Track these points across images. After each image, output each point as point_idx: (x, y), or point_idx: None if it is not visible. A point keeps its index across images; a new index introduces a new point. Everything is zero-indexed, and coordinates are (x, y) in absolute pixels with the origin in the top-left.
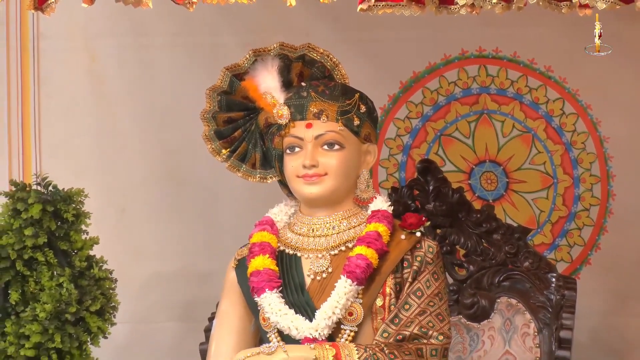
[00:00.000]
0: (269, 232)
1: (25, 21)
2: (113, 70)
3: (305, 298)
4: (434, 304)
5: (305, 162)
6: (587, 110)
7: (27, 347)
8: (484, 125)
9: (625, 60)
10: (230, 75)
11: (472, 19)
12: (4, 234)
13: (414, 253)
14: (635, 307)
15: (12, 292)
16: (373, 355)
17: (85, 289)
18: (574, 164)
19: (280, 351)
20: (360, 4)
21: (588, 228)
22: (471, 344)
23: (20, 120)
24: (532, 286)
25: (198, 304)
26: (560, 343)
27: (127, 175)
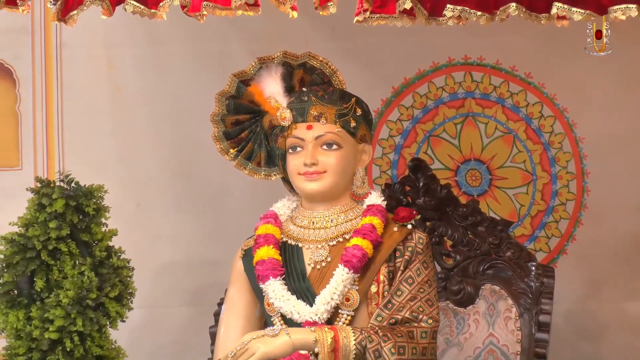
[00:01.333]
0: (273, 225)
1: (49, 31)
2: (130, 77)
3: (306, 285)
4: (423, 290)
5: (306, 161)
6: (564, 113)
7: (51, 331)
8: (469, 127)
9: (599, 67)
10: (237, 81)
11: (459, 29)
12: (30, 227)
13: (406, 244)
14: (607, 293)
15: (37, 280)
16: (368, 337)
17: (104, 277)
18: (551, 162)
19: (283, 334)
20: (356, 16)
21: (564, 221)
22: (458, 327)
23: (44, 122)
24: (514, 274)
25: (207, 290)
26: (539, 326)
27: (142, 172)
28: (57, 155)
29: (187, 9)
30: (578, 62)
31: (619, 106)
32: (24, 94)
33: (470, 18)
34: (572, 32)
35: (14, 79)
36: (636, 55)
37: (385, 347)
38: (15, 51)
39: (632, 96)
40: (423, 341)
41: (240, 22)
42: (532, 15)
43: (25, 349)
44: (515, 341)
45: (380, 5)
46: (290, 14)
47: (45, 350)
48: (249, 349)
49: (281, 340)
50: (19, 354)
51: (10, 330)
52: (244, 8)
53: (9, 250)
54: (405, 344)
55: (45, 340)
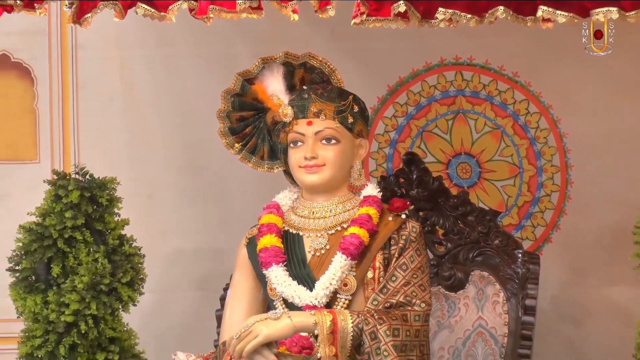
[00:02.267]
0: (276, 215)
1: (65, 33)
2: (141, 76)
3: (306, 271)
4: (417, 276)
5: (307, 155)
6: (549, 109)
7: (66, 314)
8: (459, 123)
9: (582, 67)
10: (242, 79)
11: (450, 31)
12: (47, 216)
13: (400, 232)
14: (589, 279)
15: (54, 266)
16: (365, 320)
17: (117, 264)
18: (537, 156)
19: (284, 317)
20: (354, 18)
21: (549, 211)
22: (449, 311)
23: (61, 119)
24: (502, 261)
25: (214, 276)
26: (525, 310)
27: (153, 166)
28: (73, 150)
29: (195, 12)
30: (562, 62)
31: (601, 103)
32: (41, 92)
33: (461, 20)
34: (556, 34)
35: (32, 78)
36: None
37: (381, 329)
38: (33, 52)
39: (613, 94)
40: (416, 324)
41: (245, 25)
42: (519, 17)
43: (42, 331)
44: (503, 324)
45: (376, 9)
46: (292, 17)
47: (61, 332)
48: (253, 331)
49: (283, 322)
50: (37, 336)
51: (28, 314)
52: (248, 11)
53: (27, 239)
54: (399, 327)
55: (61, 323)
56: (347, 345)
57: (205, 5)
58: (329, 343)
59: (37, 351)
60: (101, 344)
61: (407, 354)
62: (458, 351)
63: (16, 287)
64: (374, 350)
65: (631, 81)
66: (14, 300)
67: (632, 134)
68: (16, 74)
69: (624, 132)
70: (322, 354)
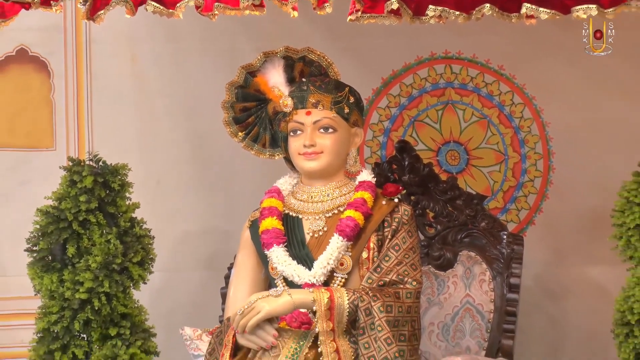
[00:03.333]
0: (276, 199)
1: (80, 29)
2: (151, 70)
3: (305, 251)
4: (408, 256)
5: (306, 143)
6: (532, 100)
7: (81, 292)
8: (449, 113)
9: (564, 61)
10: (245, 72)
11: (439, 27)
12: (63, 200)
13: (393, 215)
14: (570, 258)
15: (69, 247)
16: (360, 297)
17: (128, 244)
18: (521, 144)
19: (285, 294)
20: (349, 15)
21: (532, 195)
22: (439, 288)
23: (75, 109)
24: (488, 242)
25: (219, 256)
26: (510, 288)
27: (162, 153)
28: (87, 138)
29: (201, 9)
30: (545, 56)
31: (582, 95)
32: (57, 84)
33: (450, 17)
34: (539, 30)
35: (48, 71)
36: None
37: (375, 305)
38: (49, 46)
39: (592, 86)
40: (408, 300)
41: (248, 22)
42: (504, 14)
43: (58, 308)
44: (489, 301)
45: (370, 6)
46: (292, 14)
47: (76, 309)
48: (255, 308)
49: (283, 299)
50: (53, 312)
51: (45, 292)
52: (251, 8)
53: (44, 221)
54: (392, 303)
55: (76, 300)
56: (343, 321)
57: (210, 2)
58: (326, 319)
59: (54, 326)
60: (113, 320)
61: (400, 329)
62: (447, 326)
63: (34, 266)
64: (368, 325)
65: (609, 74)
66: (31, 278)
67: (610, 124)
68: (34, 67)
69: (602, 122)
70: (320, 328)
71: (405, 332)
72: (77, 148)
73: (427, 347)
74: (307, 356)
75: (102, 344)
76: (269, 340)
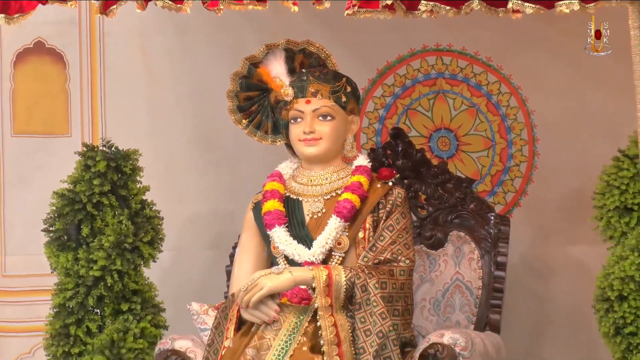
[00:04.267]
0: (278, 182)
1: (94, 23)
2: (160, 61)
3: (305, 232)
4: (402, 236)
5: (305, 129)
6: (518, 90)
7: (95, 269)
8: (440, 102)
9: (548, 52)
10: (248, 63)
11: (431, 21)
12: (77, 184)
13: (387, 198)
14: (553, 238)
15: (83, 228)
16: (356, 275)
17: (139, 225)
18: (507, 131)
19: (286, 272)
20: (347, 10)
21: (518, 179)
22: (430, 266)
23: (89, 98)
24: (476, 223)
25: (224, 236)
26: (497, 266)
27: (170, 139)
28: (100, 125)
29: (207, 4)
30: (530, 48)
31: (565, 85)
32: (72, 74)
33: (441, 11)
34: (525, 24)
35: (64, 62)
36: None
37: (370, 282)
38: (65, 39)
39: (575, 76)
40: (401, 278)
41: (251, 16)
42: (492, 9)
43: (73, 284)
44: (477, 278)
45: (366, 1)
46: (292, 8)
47: (89, 285)
48: (258, 284)
49: (284, 277)
50: (68, 288)
51: (61, 269)
52: (254, 3)
53: (60, 203)
54: (386, 280)
55: (90, 277)
56: (340, 297)
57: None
58: (324, 295)
59: (69, 302)
60: (125, 296)
61: (394, 304)
62: (438, 302)
63: (50, 245)
64: (364, 300)
65: (591, 65)
66: (48, 257)
67: (591, 112)
68: (50, 58)
69: (584, 110)
70: (318, 304)
71: (398, 307)
72: (91, 134)
73: (419, 321)
74: (306, 330)
75: (115, 318)
76: (271, 315)
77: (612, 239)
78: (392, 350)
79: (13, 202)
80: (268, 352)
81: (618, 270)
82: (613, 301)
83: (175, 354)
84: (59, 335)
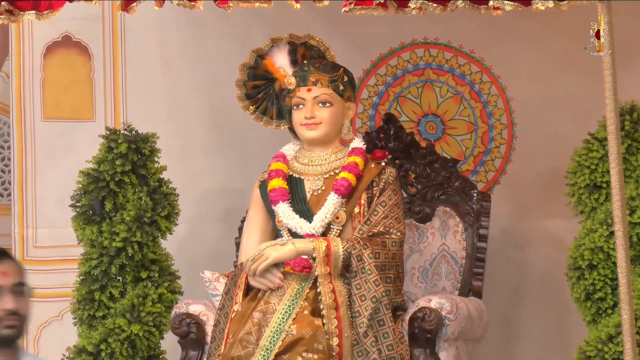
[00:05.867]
0: (282, 163)
1: (115, 19)
2: (176, 53)
3: (306, 207)
4: (393, 211)
5: (307, 115)
6: (498, 79)
7: (117, 241)
8: (427, 90)
9: (525, 45)
10: (255, 55)
11: (420, 17)
12: (101, 164)
13: (380, 176)
14: (530, 213)
15: (107, 203)
16: (352, 246)
17: (157, 201)
18: (489, 116)
19: (289, 243)
20: (344, 7)
21: (498, 159)
22: (419, 238)
23: (112, 86)
24: (461, 199)
25: (233, 211)
26: (479, 237)
27: (185, 124)
28: (122, 111)
29: (218, 2)
30: (510, 41)
31: (540, 74)
32: (96, 65)
33: (429, 9)
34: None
35: (89, 54)
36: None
37: (365, 253)
38: (90, 33)
39: (549, 66)
40: (393, 248)
41: (258, 12)
42: (475, 6)
43: (97, 254)
44: (462, 249)
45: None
46: (295, 6)
47: (112, 255)
48: (264, 254)
49: (288, 248)
50: (93, 258)
51: (87, 241)
52: (260, 1)
53: (85, 181)
54: (380, 251)
55: (112, 248)
56: (338, 266)
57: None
58: (324, 264)
59: (94, 270)
60: (144, 265)
61: (386, 272)
62: (426, 270)
63: (77, 219)
64: (359, 269)
65: (564, 56)
66: (75, 230)
67: (564, 98)
68: (77, 51)
69: (557, 97)
70: (318, 272)
71: (390, 275)
72: (113, 119)
73: (409, 287)
74: (308, 295)
75: (135, 285)
76: (276, 282)
77: (582, 213)
78: (384, 313)
79: (43, 180)
80: (273, 315)
81: (588, 241)
82: (584, 270)
83: (189, 317)
84: (85, 300)
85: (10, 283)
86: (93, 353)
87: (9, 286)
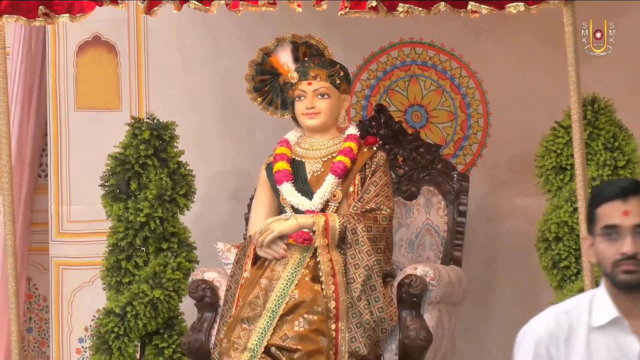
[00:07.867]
0: (286, 147)
1: (139, 21)
2: (193, 52)
3: (307, 186)
4: (384, 190)
5: (307, 105)
6: (475, 74)
7: (141, 216)
8: (413, 83)
9: (499, 44)
10: (262, 53)
11: (407, 19)
12: (127, 148)
13: (372, 160)
14: (503, 191)
15: (132, 183)
16: (347, 220)
17: (176, 181)
18: (467, 106)
19: (292, 218)
20: (340, 10)
21: (475, 145)
22: (406, 214)
23: (136, 80)
24: (443, 179)
25: (243, 189)
26: (459, 213)
27: (201, 113)
28: (145, 102)
29: (230, 6)
30: (485, 41)
31: (512, 69)
32: (123, 61)
33: (415, 12)
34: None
35: (116, 52)
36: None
37: (359, 226)
38: (117, 34)
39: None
40: (383, 223)
41: (264, 15)
42: (455, 10)
43: (124, 228)
44: (444, 223)
45: (355, 4)
46: (297, 9)
47: (137, 229)
48: (270, 228)
49: (291, 222)
50: (120, 231)
51: (114, 216)
52: (266, 5)
53: (113, 164)
54: (372, 225)
55: (137, 222)
56: (335, 238)
57: (236, 1)
58: (323, 236)
59: (121, 242)
60: (165, 237)
61: (377, 244)
62: (412, 242)
63: (106, 197)
64: (354, 241)
65: (533, 53)
66: (104, 206)
67: (533, 91)
68: (105, 49)
69: (527, 89)
70: (318, 243)
71: (381, 246)
72: (137, 109)
73: (398, 257)
74: (308, 264)
75: (157, 255)
76: (280, 252)
77: (549, 192)
78: (375, 280)
79: (76, 163)
80: (278, 281)
81: (555, 216)
82: (551, 241)
83: (204, 283)
84: (113, 268)
85: (631, 224)
86: (120, 314)
87: (630, 227)
